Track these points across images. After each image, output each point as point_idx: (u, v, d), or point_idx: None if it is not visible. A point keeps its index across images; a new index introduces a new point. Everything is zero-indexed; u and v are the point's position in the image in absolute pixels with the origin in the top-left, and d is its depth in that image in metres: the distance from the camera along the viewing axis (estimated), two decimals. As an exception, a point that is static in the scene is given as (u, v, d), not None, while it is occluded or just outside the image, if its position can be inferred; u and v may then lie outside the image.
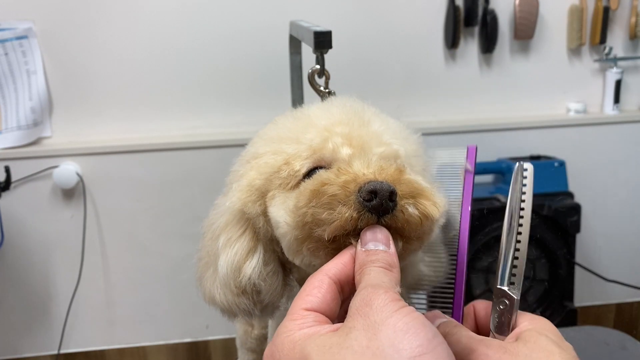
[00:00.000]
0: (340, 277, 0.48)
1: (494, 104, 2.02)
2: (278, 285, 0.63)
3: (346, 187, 0.51)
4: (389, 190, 0.50)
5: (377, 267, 0.47)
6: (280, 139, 0.61)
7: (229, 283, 0.61)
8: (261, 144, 0.63)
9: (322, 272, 0.48)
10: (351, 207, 0.50)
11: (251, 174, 0.60)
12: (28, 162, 1.79)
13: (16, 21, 1.75)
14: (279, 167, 0.58)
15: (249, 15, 1.83)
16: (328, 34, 0.82)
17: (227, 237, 0.61)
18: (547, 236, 1.74)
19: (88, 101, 1.84)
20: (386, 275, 0.46)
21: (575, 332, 1.24)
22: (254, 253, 0.61)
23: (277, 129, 0.64)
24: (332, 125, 0.59)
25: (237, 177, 0.63)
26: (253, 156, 0.62)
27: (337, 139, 0.58)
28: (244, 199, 0.60)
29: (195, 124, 1.89)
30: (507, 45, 1.97)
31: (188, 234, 1.85)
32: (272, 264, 0.62)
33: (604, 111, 2.04)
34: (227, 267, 0.61)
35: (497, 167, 1.92)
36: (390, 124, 0.63)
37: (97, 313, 1.94)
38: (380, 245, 0.49)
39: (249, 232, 0.61)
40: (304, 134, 0.60)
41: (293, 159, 0.58)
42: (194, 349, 2.01)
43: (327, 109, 0.63)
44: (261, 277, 0.61)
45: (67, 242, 1.86)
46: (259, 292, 0.62)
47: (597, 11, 1.96)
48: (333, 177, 0.52)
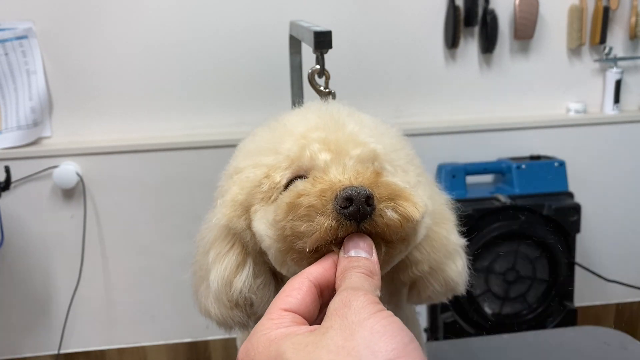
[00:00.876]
0: (320, 280, 0.48)
1: (494, 104, 2.02)
2: (270, 296, 0.62)
3: (322, 196, 0.50)
4: (364, 195, 0.50)
5: (358, 273, 0.47)
6: (258, 151, 0.61)
7: (221, 297, 0.61)
8: (241, 157, 0.63)
9: (303, 275, 0.48)
10: (329, 216, 0.50)
11: (234, 189, 0.60)
12: (28, 162, 1.79)
13: (16, 21, 1.75)
14: (259, 181, 0.58)
15: (249, 15, 1.83)
16: (328, 34, 0.82)
17: (216, 252, 0.62)
18: (547, 236, 1.74)
19: (88, 101, 1.84)
20: (366, 281, 0.46)
21: (575, 332, 1.24)
22: (244, 267, 0.61)
23: (255, 141, 0.63)
24: (308, 132, 0.59)
25: (222, 193, 0.63)
26: (235, 171, 0.62)
27: (314, 145, 0.57)
28: (228, 215, 0.60)
29: (195, 124, 1.89)
30: (507, 45, 1.97)
31: (188, 234, 1.85)
32: (262, 276, 0.62)
33: (604, 111, 2.04)
34: (218, 282, 0.61)
35: (497, 167, 1.92)
36: (366, 122, 0.62)
37: (97, 313, 1.94)
38: (362, 253, 0.49)
39: (237, 246, 0.61)
40: (281, 144, 0.59)
41: (273, 171, 0.58)
42: (194, 349, 2.01)
43: (303, 115, 0.63)
44: (252, 290, 0.61)
45: (67, 242, 1.86)
46: (251, 305, 0.62)
47: (597, 11, 1.96)
48: (309, 187, 0.52)
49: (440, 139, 1.96)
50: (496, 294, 1.78)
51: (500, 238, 1.72)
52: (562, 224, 1.76)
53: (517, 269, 1.76)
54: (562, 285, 1.79)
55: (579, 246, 1.87)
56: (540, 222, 1.75)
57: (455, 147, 1.96)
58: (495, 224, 1.72)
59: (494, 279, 1.77)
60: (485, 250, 1.72)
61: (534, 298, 1.80)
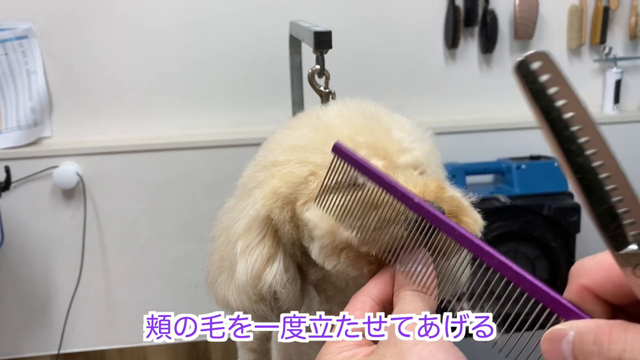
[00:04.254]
0: (382, 297, 0.49)
1: (494, 104, 2.02)
2: (297, 291, 0.62)
3: (395, 207, 0.51)
4: (439, 211, 0.50)
5: (412, 291, 0.48)
6: (302, 148, 0.61)
7: (247, 290, 0.60)
8: (280, 151, 0.62)
9: (364, 294, 0.49)
10: (402, 226, 0.50)
11: (274, 181, 0.60)
12: (28, 162, 1.79)
13: (16, 21, 1.75)
14: (305, 178, 0.58)
15: (249, 15, 1.83)
16: (328, 34, 0.82)
17: (246, 243, 0.61)
18: (547, 236, 1.74)
19: (88, 101, 1.84)
20: (421, 301, 0.47)
21: (575, 332, 1.24)
22: (275, 260, 0.61)
23: (296, 138, 0.63)
24: (354, 134, 0.59)
25: (256, 183, 0.62)
26: (272, 163, 0.62)
27: (364, 150, 0.58)
28: (269, 205, 0.59)
29: (195, 124, 1.89)
30: (507, 45, 1.97)
31: (188, 234, 1.86)
32: (291, 269, 0.62)
33: (603, 111, 2.04)
34: (247, 275, 0.60)
35: (497, 167, 1.92)
36: (407, 126, 0.64)
37: (97, 313, 1.94)
38: (419, 266, 0.50)
39: (268, 238, 0.61)
40: (328, 145, 0.58)
41: (320, 169, 0.58)
42: (194, 349, 2.01)
43: (346, 117, 0.63)
44: (282, 284, 0.60)
45: (67, 242, 1.86)
46: (277, 299, 0.61)
47: (597, 11, 1.96)
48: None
49: (440, 139, 1.94)
50: (496, 294, 1.78)
51: (500, 238, 1.72)
52: (562, 224, 1.76)
53: (517, 269, 1.76)
54: (562, 285, 1.78)
55: (579, 246, 1.87)
56: (540, 222, 1.75)
57: (455, 147, 1.96)
58: (495, 224, 1.72)
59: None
60: (485, 250, 1.72)
61: (534, 298, 1.80)
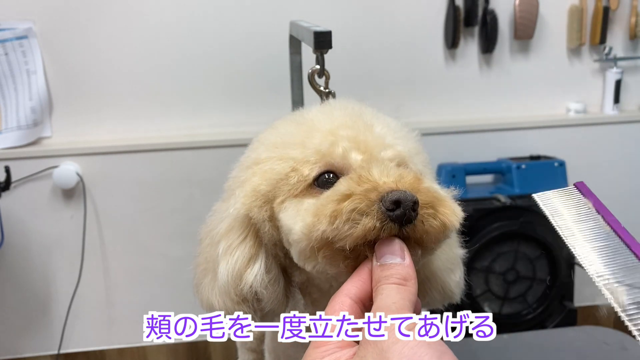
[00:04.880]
0: (360, 295, 0.49)
1: (494, 104, 2.02)
2: (280, 292, 0.62)
3: (368, 197, 0.51)
4: (412, 200, 0.50)
5: (390, 285, 0.47)
6: (284, 144, 0.61)
7: (229, 291, 0.60)
8: (262, 149, 0.62)
9: (342, 294, 0.49)
10: (374, 217, 0.50)
11: (255, 179, 0.60)
12: (28, 162, 1.79)
13: (16, 21, 1.75)
14: (286, 174, 0.58)
15: (249, 15, 1.83)
16: (328, 34, 0.82)
17: (228, 243, 0.60)
18: (547, 236, 1.74)
19: (88, 101, 1.84)
20: (398, 293, 0.46)
21: (575, 332, 1.24)
22: (256, 260, 0.60)
23: (279, 134, 0.63)
24: (336, 129, 0.59)
25: (239, 183, 0.62)
26: (255, 162, 0.62)
27: (344, 142, 0.57)
28: (249, 204, 0.59)
29: (195, 124, 1.89)
30: (507, 45, 1.97)
31: (188, 234, 1.84)
32: (273, 270, 0.61)
33: (603, 111, 2.04)
34: (228, 275, 0.59)
35: (497, 167, 1.92)
36: (390, 124, 0.63)
37: (97, 313, 1.94)
38: (397, 258, 0.49)
39: (250, 238, 0.60)
40: (309, 139, 0.59)
41: (301, 165, 0.58)
42: (194, 349, 2.01)
43: (329, 113, 0.63)
44: (263, 284, 0.60)
45: (67, 242, 1.86)
46: (259, 300, 0.61)
47: (597, 11, 1.96)
48: (354, 186, 0.52)
49: (440, 139, 1.95)
50: (496, 294, 1.78)
51: (500, 238, 1.72)
52: (562, 224, 1.76)
53: (517, 269, 1.76)
54: (562, 285, 1.79)
55: (579, 246, 1.87)
56: (540, 222, 1.75)
57: (455, 147, 1.96)
58: (495, 224, 1.72)
59: (494, 279, 1.77)
60: (485, 250, 1.72)
61: (534, 298, 1.80)
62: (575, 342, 1.14)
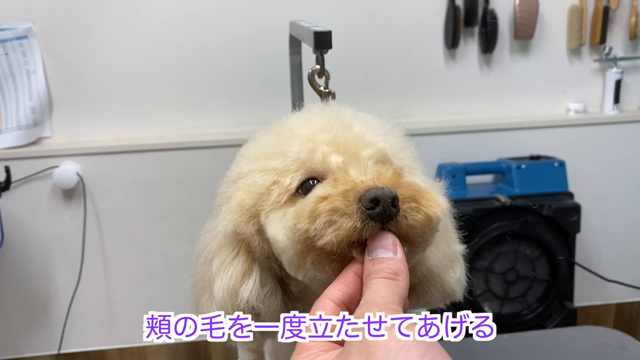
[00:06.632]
0: (343, 298, 0.48)
1: (493, 104, 2.02)
2: (277, 305, 0.61)
3: (346, 198, 0.50)
4: (390, 196, 0.49)
5: (380, 279, 0.47)
6: (264, 155, 0.60)
7: (226, 308, 0.59)
8: (245, 162, 0.62)
9: (324, 297, 0.48)
10: (354, 216, 0.49)
11: (239, 194, 0.59)
12: (28, 162, 1.79)
13: (16, 21, 1.75)
14: (268, 188, 0.57)
15: (249, 15, 1.83)
16: (328, 34, 0.82)
17: (221, 261, 0.60)
18: (547, 236, 1.74)
19: (88, 101, 1.84)
20: (387, 287, 0.46)
21: (575, 332, 1.24)
22: (250, 275, 0.60)
23: (259, 145, 0.63)
24: (314, 134, 0.59)
25: (225, 199, 0.62)
26: (238, 176, 0.61)
27: (323, 147, 0.57)
28: (235, 220, 0.59)
29: (195, 124, 1.89)
30: (507, 45, 1.97)
31: (188, 234, 1.85)
32: (269, 283, 0.61)
33: (603, 111, 2.04)
34: (223, 292, 0.59)
35: (497, 167, 1.92)
36: (370, 122, 0.62)
37: (97, 313, 1.94)
38: (388, 253, 0.49)
39: (242, 253, 0.60)
40: (288, 147, 0.59)
41: (282, 175, 0.57)
42: (194, 349, 2.01)
43: (306, 118, 0.63)
44: (259, 299, 0.59)
45: (67, 242, 1.86)
46: (257, 315, 0.60)
47: (597, 11, 1.96)
48: (330, 189, 0.52)
49: (440, 139, 1.96)
50: (496, 294, 1.78)
51: (500, 238, 1.72)
52: (562, 224, 1.76)
53: (517, 269, 1.76)
54: (562, 285, 1.79)
55: (579, 246, 1.87)
56: (540, 222, 1.75)
57: (455, 147, 1.96)
58: (495, 224, 1.72)
59: (494, 279, 1.77)
60: (485, 250, 1.72)
61: (534, 298, 1.80)
62: (575, 342, 1.14)
